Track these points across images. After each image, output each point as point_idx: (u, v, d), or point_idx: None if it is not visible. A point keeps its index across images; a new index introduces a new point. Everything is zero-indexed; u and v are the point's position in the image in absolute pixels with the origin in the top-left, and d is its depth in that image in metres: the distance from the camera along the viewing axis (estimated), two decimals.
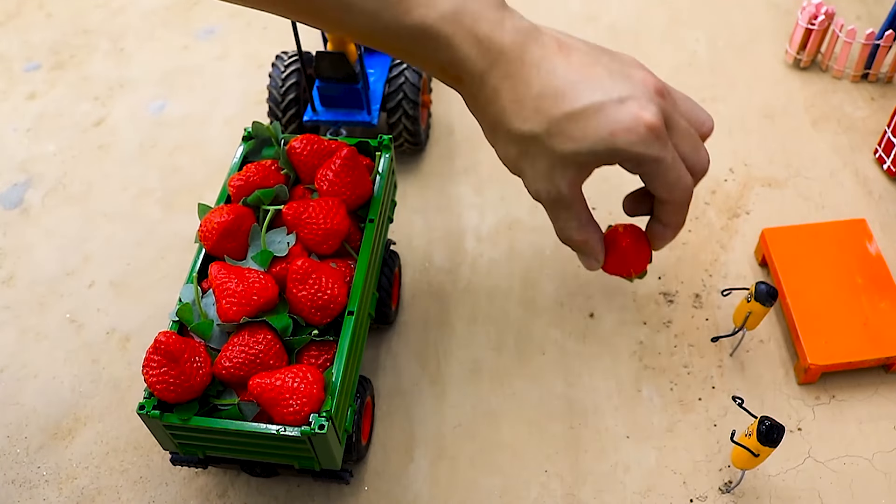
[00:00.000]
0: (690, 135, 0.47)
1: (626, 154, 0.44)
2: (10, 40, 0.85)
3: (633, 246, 0.50)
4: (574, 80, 0.44)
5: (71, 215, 0.69)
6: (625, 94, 0.44)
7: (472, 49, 0.43)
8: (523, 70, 0.44)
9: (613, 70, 0.45)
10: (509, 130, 0.45)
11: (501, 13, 0.44)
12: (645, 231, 0.51)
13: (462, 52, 0.43)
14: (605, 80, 0.44)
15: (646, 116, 0.43)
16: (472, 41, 0.43)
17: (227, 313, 0.45)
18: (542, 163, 0.46)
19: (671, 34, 0.81)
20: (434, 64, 0.45)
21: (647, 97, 0.44)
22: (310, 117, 0.66)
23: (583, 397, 0.56)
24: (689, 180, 0.47)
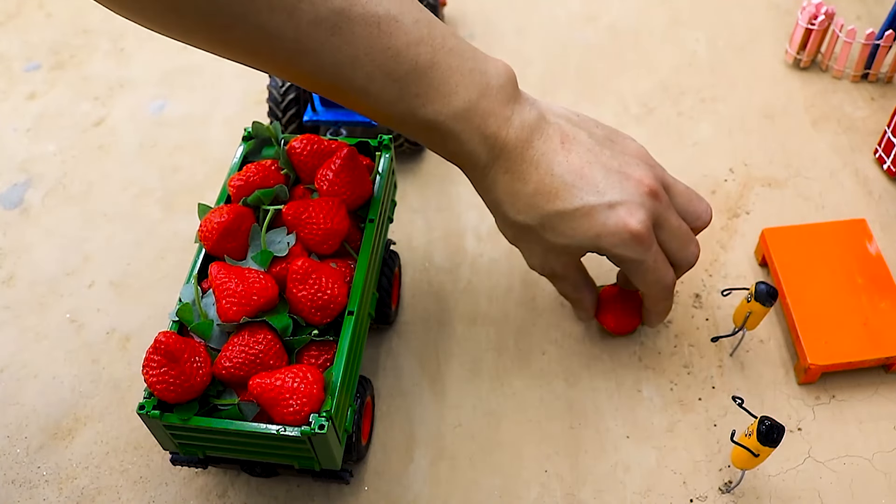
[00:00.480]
0: (681, 234, 0.50)
1: (609, 253, 0.48)
2: (10, 40, 0.85)
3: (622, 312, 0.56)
4: (569, 181, 0.46)
5: (71, 215, 0.69)
6: (615, 200, 0.46)
7: (479, 146, 0.46)
8: (522, 167, 0.47)
9: (611, 169, 0.47)
10: (506, 217, 0.49)
11: (512, 108, 0.47)
12: None
13: (469, 146, 0.46)
14: (599, 183, 0.47)
15: (631, 224, 0.46)
16: (480, 138, 0.46)
17: (227, 313, 0.45)
18: (536, 247, 0.50)
19: (671, 34, 0.81)
20: (442, 151, 0.48)
21: (637, 202, 0.47)
22: (310, 117, 0.66)
23: (583, 397, 0.56)
24: (669, 280, 0.50)
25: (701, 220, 0.52)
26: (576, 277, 0.53)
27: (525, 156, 0.46)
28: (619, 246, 0.47)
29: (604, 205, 0.46)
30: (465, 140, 0.46)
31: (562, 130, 0.48)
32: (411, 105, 0.44)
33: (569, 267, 0.52)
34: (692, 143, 0.71)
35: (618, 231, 0.46)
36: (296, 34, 0.40)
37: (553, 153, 0.47)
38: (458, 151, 0.47)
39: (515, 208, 0.48)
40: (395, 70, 0.42)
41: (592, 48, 0.80)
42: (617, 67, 0.78)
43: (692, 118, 0.73)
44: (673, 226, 0.49)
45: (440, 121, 0.44)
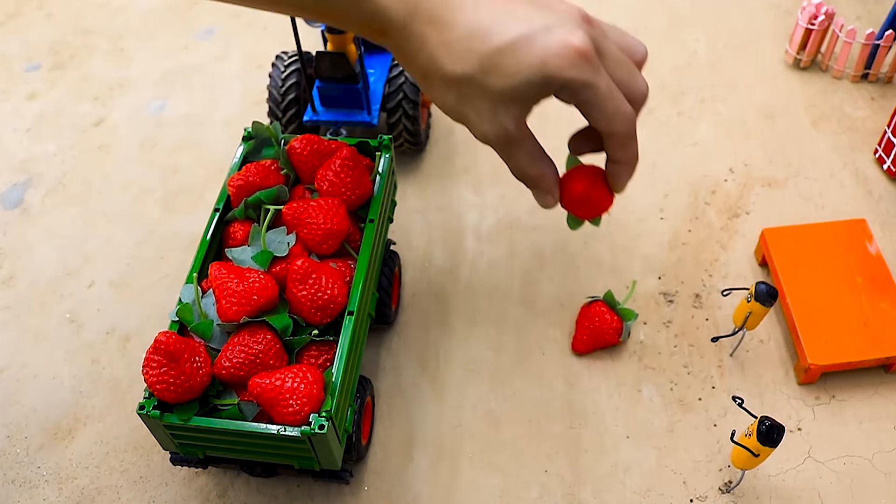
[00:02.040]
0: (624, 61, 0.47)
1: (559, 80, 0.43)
2: (10, 40, 0.85)
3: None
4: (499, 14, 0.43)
5: (71, 215, 0.69)
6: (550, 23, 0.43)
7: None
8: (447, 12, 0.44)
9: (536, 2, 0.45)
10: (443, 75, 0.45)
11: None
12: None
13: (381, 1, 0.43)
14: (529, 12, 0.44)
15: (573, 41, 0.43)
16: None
17: (227, 313, 0.45)
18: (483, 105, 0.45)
19: (671, 34, 0.81)
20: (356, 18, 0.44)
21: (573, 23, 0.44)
22: (310, 117, 0.66)
23: (583, 397, 0.56)
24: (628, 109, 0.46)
25: (639, 53, 0.49)
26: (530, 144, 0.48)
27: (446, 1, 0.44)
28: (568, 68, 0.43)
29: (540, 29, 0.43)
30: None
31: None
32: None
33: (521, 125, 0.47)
34: (692, 143, 0.71)
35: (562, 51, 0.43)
36: None
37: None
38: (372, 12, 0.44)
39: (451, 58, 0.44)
40: None
41: None
42: None
43: (692, 118, 0.73)
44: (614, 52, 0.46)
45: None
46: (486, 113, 0.45)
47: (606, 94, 0.45)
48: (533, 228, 0.65)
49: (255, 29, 0.85)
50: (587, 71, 0.44)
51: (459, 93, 0.45)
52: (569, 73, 0.43)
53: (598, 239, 0.64)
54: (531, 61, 0.43)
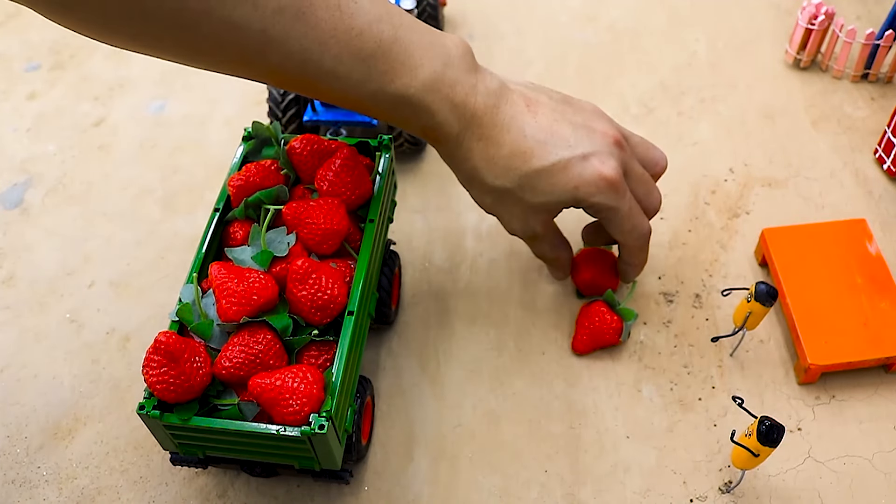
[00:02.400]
0: (645, 180, 0.53)
1: (587, 203, 0.49)
2: (10, 40, 0.85)
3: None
4: (541, 139, 0.48)
5: (71, 215, 0.69)
6: (587, 151, 0.49)
7: (449, 115, 0.47)
8: (494, 132, 0.48)
9: (577, 125, 0.50)
10: (483, 184, 0.50)
11: (475, 77, 0.48)
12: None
13: (440, 117, 0.47)
14: (569, 138, 0.49)
15: (605, 172, 0.48)
16: (450, 107, 0.47)
17: (226, 313, 0.45)
18: (515, 209, 0.51)
19: (671, 34, 0.81)
20: (415, 126, 0.48)
21: (607, 152, 0.49)
22: (310, 117, 0.66)
23: (583, 397, 0.56)
24: (645, 227, 0.53)
25: (659, 165, 0.55)
26: (553, 237, 0.55)
27: (495, 121, 0.48)
28: (597, 194, 0.49)
29: (577, 157, 0.48)
30: (435, 111, 0.47)
31: (524, 95, 0.50)
32: (381, 82, 0.45)
33: (547, 226, 0.53)
34: (692, 143, 0.71)
35: (594, 180, 0.48)
36: (262, 24, 0.40)
37: (521, 115, 0.49)
38: (430, 124, 0.48)
39: (493, 173, 0.49)
40: (362, 49, 0.43)
41: (592, 48, 0.80)
42: (617, 67, 0.78)
43: (692, 118, 0.73)
44: (638, 173, 0.52)
45: (410, 94, 0.46)
46: (518, 216, 0.52)
47: (626, 215, 0.51)
48: None
49: None
50: (613, 197, 0.49)
51: (496, 198, 0.51)
52: (597, 198, 0.49)
53: None
54: (565, 186, 0.49)
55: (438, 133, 0.48)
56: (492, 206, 0.52)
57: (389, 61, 0.44)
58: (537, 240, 0.54)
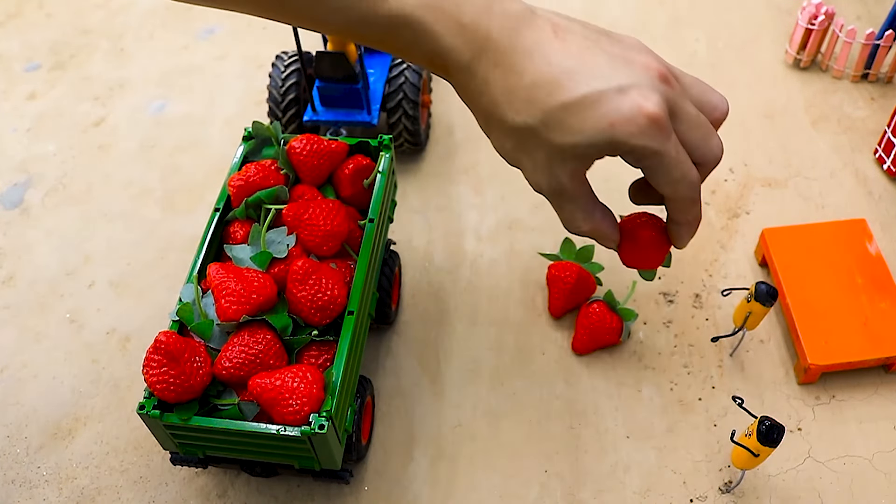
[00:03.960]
0: (700, 123, 0.44)
1: (625, 146, 0.41)
2: (10, 40, 0.85)
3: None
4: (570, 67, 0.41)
5: (71, 215, 0.69)
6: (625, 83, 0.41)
7: (457, 38, 0.41)
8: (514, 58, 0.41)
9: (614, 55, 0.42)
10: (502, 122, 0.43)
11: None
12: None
13: (445, 41, 0.41)
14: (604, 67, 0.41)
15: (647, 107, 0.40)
16: (456, 29, 0.41)
17: (226, 312, 0.45)
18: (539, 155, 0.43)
19: (671, 34, 0.81)
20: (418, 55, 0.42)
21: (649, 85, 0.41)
22: (310, 117, 0.66)
23: (583, 397, 0.56)
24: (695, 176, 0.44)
25: (719, 109, 0.46)
26: (585, 198, 0.46)
27: (515, 46, 0.41)
28: (637, 135, 0.40)
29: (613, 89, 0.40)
30: (439, 33, 0.41)
31: (552, 21, 0.43)
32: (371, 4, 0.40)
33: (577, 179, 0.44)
34: None
35: (633, 116, 0.40)
36: None
37: (547, 41, 0.41)
38: (436, 50, 0.42)
39: (514, 107, 0.42)
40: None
41: None
42: None
43: None
44: (691, 114, 0.43)
45: (406, 13, 0.40)
46: (542, 164, 0.43)
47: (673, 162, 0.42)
48: (533, 228, 0.65)
49: (255, 29, 0.85)
50: (657, 139, 0.41)
51: (518, 140, 0.43)
52: (637, 140, 0.41)
53: None
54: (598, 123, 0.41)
55: (447, 60, 0.42)
56: (513, 153, 0.44)
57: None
58: (566, 198, 0.45)
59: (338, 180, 0.54)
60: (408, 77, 0.66)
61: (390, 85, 0.67)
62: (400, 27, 0.41)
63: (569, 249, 0.59)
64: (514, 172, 0.51)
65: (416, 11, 0.40)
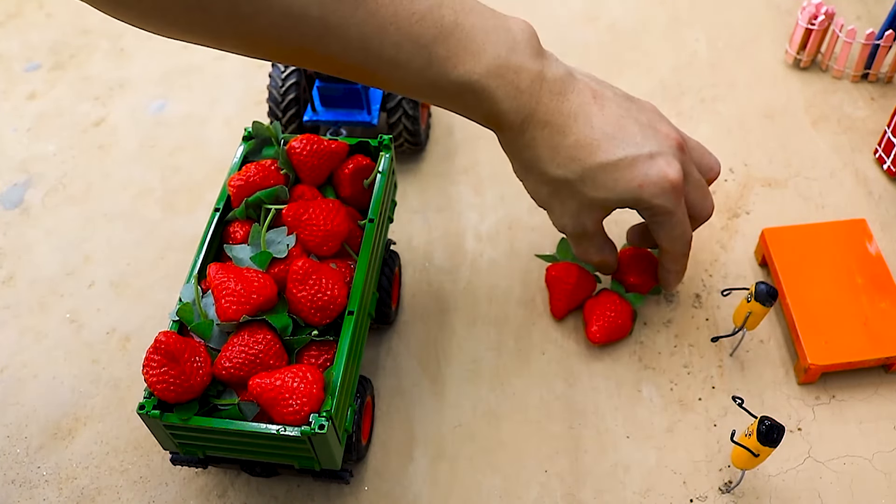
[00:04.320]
0: (702, 185, 0.51)
1: (647, 204, 0.48)
2: (10, 40, 0.85)
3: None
4: (610, 133, 0.47)
5: (71, 215, 0.69)
6: (654, 151, 0.47)
7: (514, 101, 0.45)
8: (560, 120, 0.46)
9: (643, 123, 0.48)
10: (543, 174, 0.48)
11: (541, 63, 0.46)
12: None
13: (505, 104, 0.45)
14: (637, 136, 0.47)
15: (671, 174, 0.47)
16: (515, 94, 0.45)
17: (226, 312, 0.45)
18: (571, 203, 0.49)
19: (671, 34, 0.81)
20: (477, 114, 0.47)
21: (672, 153, 0.48)
22: (310, 117, 0.66)
23: (583, 397, 0.56)
24: (690, 234, 0.52)
25: (713, 171, 0.54)
26: (601, 238, 0.53)
27: (562, 109, 0.46)
28: (659, 196, 0.47)
29: (644, 156, 0.47)
30: (500, 98, 0.45)
31: (590, 86, 0.48)
32: (443, 69, 0.43)
33: (598, 224, 0.51)
34: None
35: (659, 181, 0.47)
36: (321, 11, 0.39)
37: (588, 106, 0.47)
38: (494, 111, 0.46)
39: (555, 162, 0.47)
40: (422, 35, 0.42)
41: (592, 48, 0.80)
42: (617, 67, 0.78)
43: (692, 118, 0.73)
44: (695, 178, 0.51)
45: (473, 80, 0.44)
46: (571, 211, 0.50)
47: (679, 221, 0.50)
48: (533, 228, 0.65)
49: None
50: (673, 201, 0.48)
51: (553, 189, 0.49)
52: (658, 200, 0.48)
53: None
54: (628, 184, 0.47)
55: (502, 120, 0.46)
56: (546, 199, 0.50)
57: (451, 47, 0.43)
58: (585, 238, 0.52)
59: (338, 180, 0.54)
60: None
61: None
62: (466, 92, 0.45)
63: (565, 249, 0.59)
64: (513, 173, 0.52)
65: (482, 80, 0.44)
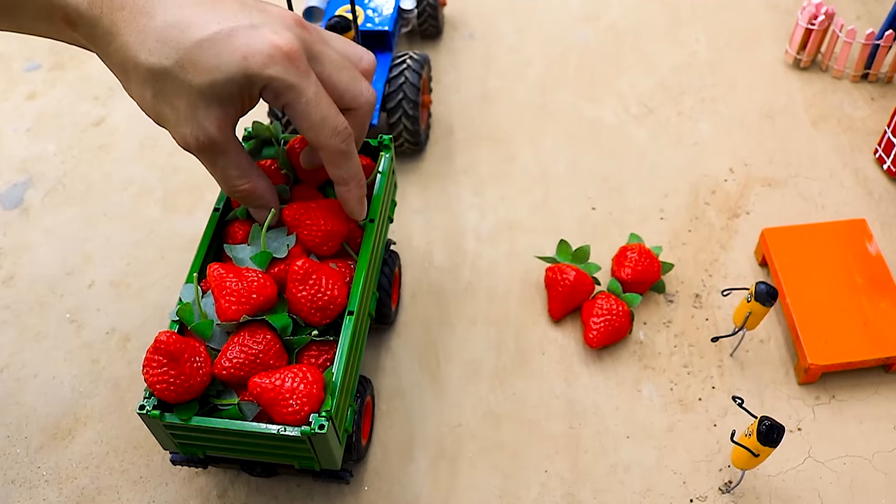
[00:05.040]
0: (345, 66, 0.45)
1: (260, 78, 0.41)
2: (10, 40, 0.85)
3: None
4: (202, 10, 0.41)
5: (71, 215, 0.69)
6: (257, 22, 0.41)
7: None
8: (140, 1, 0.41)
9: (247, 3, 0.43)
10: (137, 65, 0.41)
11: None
12: None
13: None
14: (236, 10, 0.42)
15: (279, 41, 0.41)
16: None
17: (226, 312, 0.45)
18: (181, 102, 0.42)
19: (671, 34, 0.81)
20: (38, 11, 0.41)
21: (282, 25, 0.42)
22: None
23: (583, 397, 0.56)
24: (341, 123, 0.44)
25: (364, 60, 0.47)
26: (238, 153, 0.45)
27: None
28: (269, 65, 0.41)
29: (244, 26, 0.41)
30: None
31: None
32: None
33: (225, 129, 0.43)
34: (692, 143, 0.71)
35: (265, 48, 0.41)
36: None
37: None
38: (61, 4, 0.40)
39: (146, 48, 0.40)
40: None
41: (592, 48, 0.80)
42: (617, 67, 0.78)
43: (692, 118, 0.73)
44: (332, 57, 0.44)
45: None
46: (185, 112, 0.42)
47: (313, 100, 0.42)
48: (532, 229, 0.65)
49: None
50: (292, 72, 0.41)
51: (157, 89, 0.42)
52: (270, 70, 0.41)
53: (599, 239, 0.64)
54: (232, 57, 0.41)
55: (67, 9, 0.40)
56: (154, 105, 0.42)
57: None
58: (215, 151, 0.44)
59: None
60: (408, 77, 0.66)
61: (390, 85, 0.67)
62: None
63: (565, 251, 0.59)
64: (513, 173, 0.52)
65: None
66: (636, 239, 0.61)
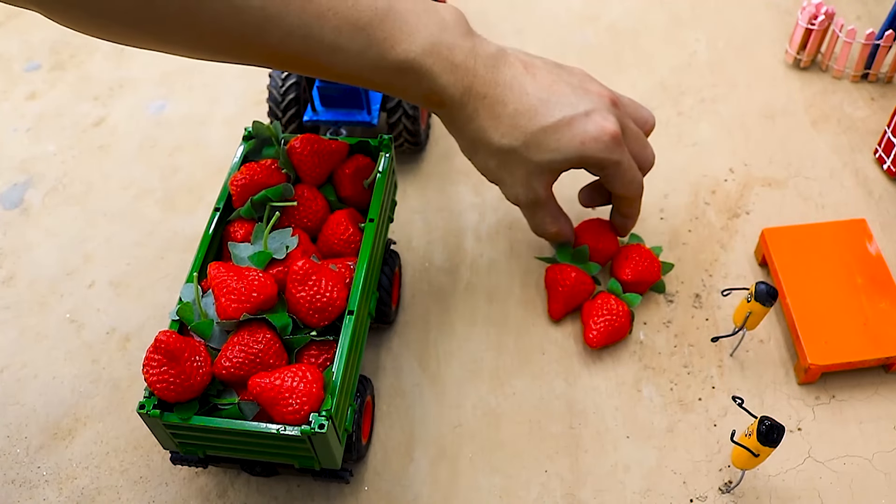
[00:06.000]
0: (639, 136, 0.55)
1: (593, 160, 0.51)
2: (10, 40, 0.85)
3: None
4: (544, 97, 0.50)
5: (71, 215, 0.69)
6: (589, 108, 0.50)
7: (451, 76, 0.48)
8: (497, 91, 0.50)
9: (574, 86, 0.52)
10: (489, 145, 0.51)
11: (472, 41, 0.50)
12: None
13: (442, 79, 0.48)
14: (570, 97, 0.51)
15: (608, 127, 0.50)
16: (450, 68, 0.48)
17: (226, 310, 0.45)
18: (519, 171, 0.52)
19: (671, 34, 0.81)
20: (417, 94, 0.49)
21: (606, 109, 0.51)
22: (310, 117, 0.66)
23: (583, 397, 0.56)
24: (640, 178, 0.55)
25: (648, 123, 0.57)
26: (554, 205, 0.56)
27: (497, 80, 0.50)
28: (602, 150, 0.50)
29: (580, 114, 0.50)
30: (437, 74, 0.48)
31: (520, 58, 0.52)
32: (381, 49, 0.46)
33: (549, 190, 0.54)
34: (692, 143, 0.71)
35: (599, 135, 0.50)
36: (261, 2, 0.42)
37: (521, 76, 0.50)
38: (433, 88, 0.48)
39: (499, 132, 0.50)
40: (360, 18, 0.45)
41: (592, 48, 0.80)
42: (617, 67, 0.78)
43: (692, 118, 0.73)
44: (633, 130, 0.54)
45: (411, 58, 0.47)
46: (521, 179, 0.53)
47: (627, 168, 0.53)
48: None
49: None
50: (616, 151, 0.51)
51: (501, 160, 0.52)
52: (602, 153, 0.51)
53: None
54: (571, 143, 0.50)
55: (442, 96, 0.49)
56: (496, 171, 0.53)
57: (387, 28, 0.46)
58: (539, 206, 0.55)
59: (338, 180, 0.54)
60: None
61: None
62: (405, 71, 0.47)
63: (565, 251, 0.59)
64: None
65: (419, 58, 0.47)
66: (636, 239, 0.61)
